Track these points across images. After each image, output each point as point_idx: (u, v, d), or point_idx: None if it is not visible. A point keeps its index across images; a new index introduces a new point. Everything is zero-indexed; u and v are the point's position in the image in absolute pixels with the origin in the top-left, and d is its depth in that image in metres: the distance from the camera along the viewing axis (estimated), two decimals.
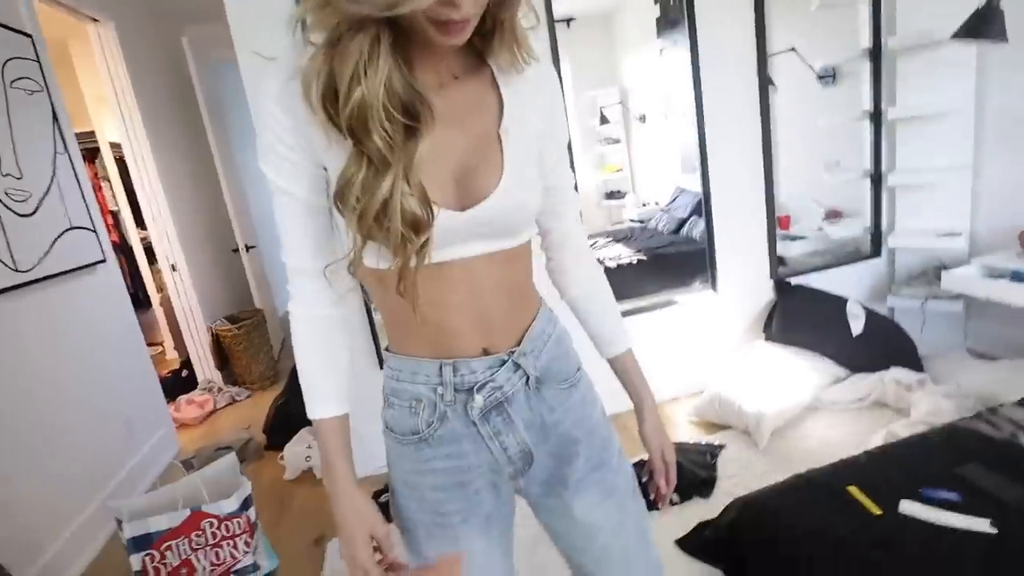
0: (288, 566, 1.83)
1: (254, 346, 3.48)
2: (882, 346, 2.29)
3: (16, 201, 2.04)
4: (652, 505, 0.87)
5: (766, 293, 2.52)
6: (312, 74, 0.56)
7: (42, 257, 2.10)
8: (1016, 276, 1.98)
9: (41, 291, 2.08)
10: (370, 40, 0.54)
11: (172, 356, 4.21)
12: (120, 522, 1.59)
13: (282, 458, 2.44)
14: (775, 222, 2.49)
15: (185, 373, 3.48)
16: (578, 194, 0.83)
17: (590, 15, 3.82)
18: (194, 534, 1.63)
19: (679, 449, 2.03)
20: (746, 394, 2.11)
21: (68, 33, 3.19)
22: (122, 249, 4.30)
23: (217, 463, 1.81)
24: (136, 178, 3.27)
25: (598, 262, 0.85)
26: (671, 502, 1.79)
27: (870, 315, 2.34)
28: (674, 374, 2.48)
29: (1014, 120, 2.19)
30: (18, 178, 2.07)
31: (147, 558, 1.58)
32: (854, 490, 1.24)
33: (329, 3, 0.53)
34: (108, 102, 3.17)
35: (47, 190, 2.21)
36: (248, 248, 3.62)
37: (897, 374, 2.14)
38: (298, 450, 2.40)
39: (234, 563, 1.71)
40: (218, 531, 1.67)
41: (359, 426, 0.85)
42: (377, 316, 2.16)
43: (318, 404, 0.70)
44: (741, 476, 1.89)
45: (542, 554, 1.53)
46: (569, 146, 2.26)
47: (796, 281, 2.50)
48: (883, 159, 2.52)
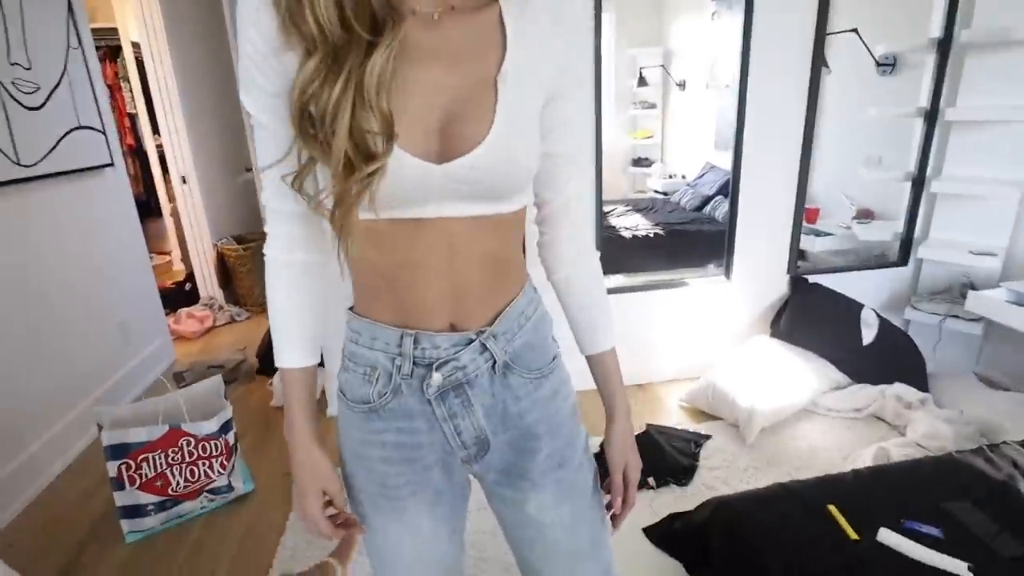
0: (264, 491, 1.86)
1: (258, 268, 3.47)
2: (890, 359, 2.21)
3: (24, 93, 1.98)
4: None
5: (780, 288, 2.43)
6: None
7: (47, 153, 2.06)
8: None
9: (44, 189, 2.05)
10: None
11: (179, 268, 4.23)
12: (101, 428, 1.61)
13: (271, 384, 2.46)
14: (802, 215, 2.37)
15: (188, 287, 3.49)
16: (590, 162, 0.73)
17: None
18: (171, 450, 1.66)
19: (663, 432, 2.02)
20: (742, 387, 2.07)
21: None
22: (137, 153, 4.26)
23: (203, 383, 1.82)
24: (153, 82, 3.18)
25: (612, 237, 0.79)
26: (647, 485, 1.78)
27: (884, 325, 2.25)
28: (673, 355, 2.44)
29: None
30: (27, 68, 2.00)
31: (123, 466, 1.61)
32: (834, 510, 1.20)
33: None
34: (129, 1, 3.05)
35: (56, 84, 2.15)
36: None
37: (900, 390, 2.07)
38: None
39: (208, 482, 1.74)
40: (195, 450, 1.69)
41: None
42: None
43: (285, 352, 0.67)
44: (723, 470, 1.86)
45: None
46: (598, 110, 2.15)
47: (814, 279, 2.40)
48: (930, 162, 2.37)
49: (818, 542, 1.14)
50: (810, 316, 2.31)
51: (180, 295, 3.42)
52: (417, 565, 0.72)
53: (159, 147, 3.79)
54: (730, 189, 2.32)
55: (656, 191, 3.87)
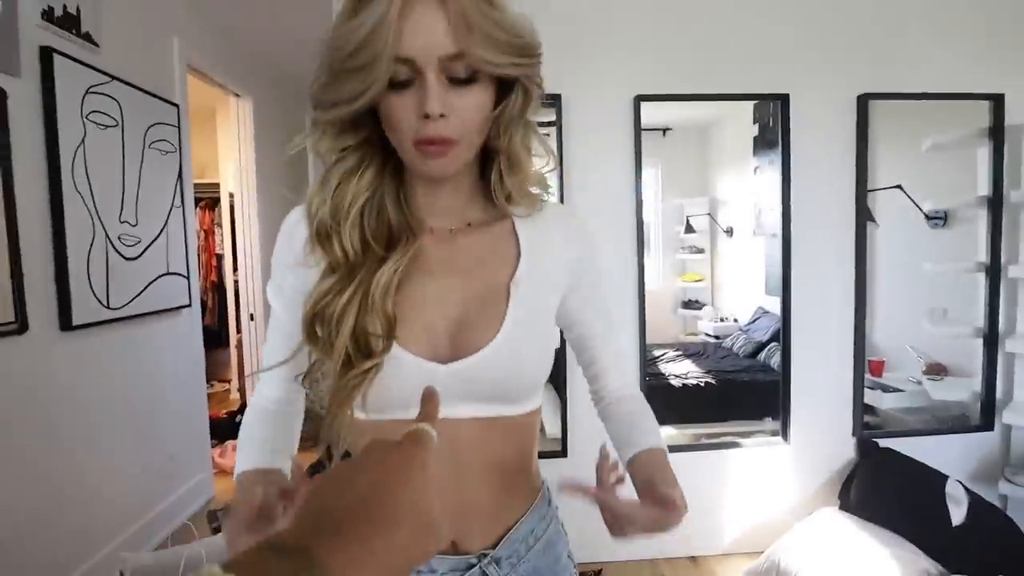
0: None
1: (306, 412, 3.54)
2: (989, 543, 1.90)
3: (126, 246, 2.26)
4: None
5: (846, 451, 2.21)
6: (314, 194, 0.59)
7: (134, 297, 2.29)
8: None
9: (124, 328, 2.24)
10: (360, 156, 0.58)
11: (235, 397, 4.40)
12: (122, 575, 1.58)
13: None
14: (863, 368, 2.23)
15: (239, 419, 3.58)
16: (633, 309, 0.72)
17: (687, 126, 3.85)
18: None
19: None
20: (810, 573, 1.81)
21: (217, 102, 3.67)
22: (218, 289, 4.67)
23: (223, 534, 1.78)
24: (239, 227, 3.58)
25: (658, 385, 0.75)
26: None
27: (975, 501, 1.97)
28: (728, 526, 2.20)
29: None
30: (133, 225, 2.30)
31: None
32: None
33: (319, 129, 0.57)
34: (232, 159, 3.56)
35: (155, 238, 2.45)
36: None
37: None
38: None
39: None
40: None
41: None
42: None
43: (243, 463, 0.63)
44: None
45: None
46: (640, 259, 2.20)
47: (885, 443, 2.18)
48: (1000, 319, 2.22)
49: None
50: (885, 488, 2.06)
51: (231, 426, 3.51)
52: None
53: (236, 282, 4.16)
54: (781, 337, 2.25)
55: (707, 335, 3.79)
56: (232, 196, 3.78)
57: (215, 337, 4.44)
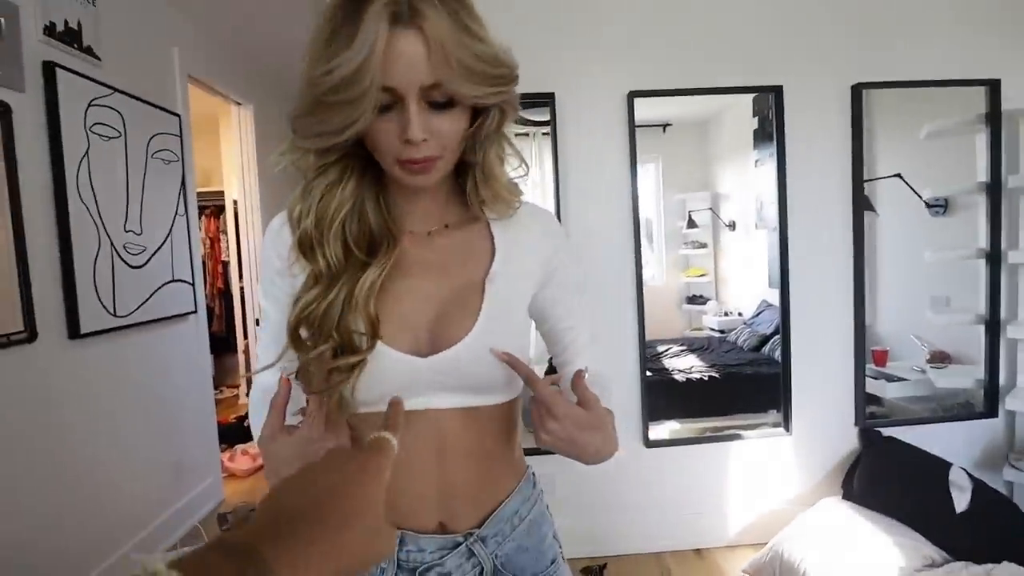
0: None
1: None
2: (994, 530, 1.90)
3: (131, 254, 2.30)
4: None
5: (849, 442, 2.21)
6: (295, 201, 0.61)
7: (140, 304, 2.33)
8: None
9: (131, 335, 2.28)
10: (341, 168, 0.59)
11: (244, 402, 4.44)
12: None
13: None
14: (864, 358, 2.23)
15: (247, 423, 3.62)
16: (632, 302, 0.72)
17: (687, 121, 3.84)
18: None
19: None
20: (814, 562, 1.81)
21: (219, 110, 3.72)
22: (224, 295, 4.73)
23: None
24: (243, 234, 3.63)
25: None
26: None
27: (979, 488, 1.96)
28: (732, 518, 2.21)
29: None
30: (138, 234, 2.34)
31: None
32: None
33: (301, 148, 0.58)
34: (236, 167, 3.61)
35: (159, 246, 2.49)
36: None
37: (1012, 570, 1.74)
38: None
39: None
40: None
41: None
42: None
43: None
44: None
45: None
46: (637, 250, 2.21)
47: (888, 432, 2.18)
48: (1002, 305, 2.21)
49: None
50: (888, 476, 2.06)
51: (239, 431, 3.55)
52: None
53: (242, 289, 4.21)
54: (781, 330, 2.25)
55: (712, 329, 3.79)
56: (236, 203, 3.83)
57: (223, 343, 4.50)
